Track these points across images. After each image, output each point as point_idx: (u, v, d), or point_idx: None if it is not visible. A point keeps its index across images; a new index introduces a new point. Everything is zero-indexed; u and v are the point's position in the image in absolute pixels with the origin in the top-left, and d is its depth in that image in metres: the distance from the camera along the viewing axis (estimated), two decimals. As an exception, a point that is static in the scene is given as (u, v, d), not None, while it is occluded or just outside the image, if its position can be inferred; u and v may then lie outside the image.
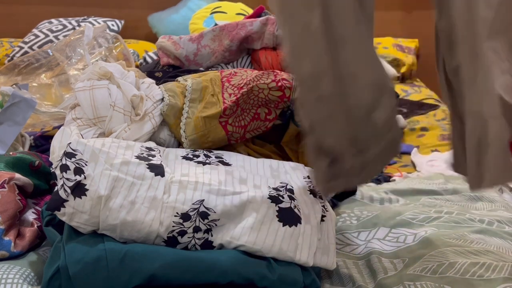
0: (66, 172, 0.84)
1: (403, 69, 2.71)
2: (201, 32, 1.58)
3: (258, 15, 1.66)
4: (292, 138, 1.17)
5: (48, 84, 1.64)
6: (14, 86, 1.43)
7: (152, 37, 2.88)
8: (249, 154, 1.14)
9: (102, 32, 1.71)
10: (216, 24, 1.68)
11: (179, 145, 1.14)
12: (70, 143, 0.88)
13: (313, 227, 0.89)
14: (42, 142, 1.42)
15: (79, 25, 2.73)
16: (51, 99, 1.61)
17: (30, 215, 1.01)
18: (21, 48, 2.61)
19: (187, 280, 0.84)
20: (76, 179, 0.83)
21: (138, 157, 0.91)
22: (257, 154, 1.15)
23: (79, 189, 0.83)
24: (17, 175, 0.99)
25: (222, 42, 1.54)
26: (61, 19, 2.83)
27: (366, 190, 1.28)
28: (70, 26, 2.73)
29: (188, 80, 1.18)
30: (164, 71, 1.54)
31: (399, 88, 2.39)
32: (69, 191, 0.83)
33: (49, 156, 1.18)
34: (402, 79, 2.70)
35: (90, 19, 2.81)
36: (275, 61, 1.51)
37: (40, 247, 0.98)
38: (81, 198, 0.83)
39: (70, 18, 2.83)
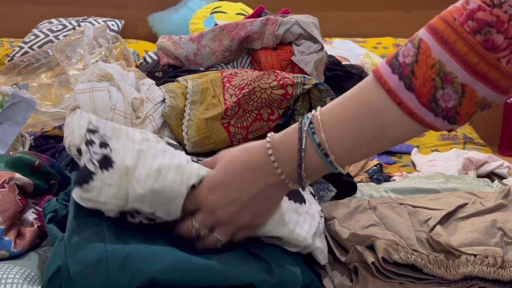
0: (92, 146, 0.83)
1: (403, 69, 2.70)
2: (201, 32, 1.58)
3: (258, 15, 1.66)
4: (292, 138, 1.17)
5: (48, 84, 1.64)
6: (14, 86, 1.43)
7: (152, 37, 2.89)
8: (249, 154, 1.14)
9: (102, 32, 1.71)
10: (216, 24, 1.68)
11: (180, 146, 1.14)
12: (91, 120, 0.87)
13: (315, 212, 0.90)
14: (42, 142, 1.42)
15: (79, 25, 2.73)
16: (51, 99, 1.61)
17: (30, 215, 1.01)
18: (21, 48, 2.61)
19: (187, 283, 0.84)
20: (102, 152, 0.82)
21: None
22: (257, 154, 1.15)
23: (106, 162, 0.82)
24: (17, 175, 0.99)
25: (222, 42, 1.53)
26: (61, 19, 2.83)
27: (366, 189, 1.28)
28: (70, 26, 2.73)
29: (188, 82, 1.18)
30: (164, 71, 1.54)
31: (399, 88, 2.38)
32: (97, 164, 0.82)
33: (49, 156, 1.18)
34: (402, 79, 2.70)
35: (90, 19, 2.82)
36: (275, 61, 1.51)
37: (40, 247, 0.98)
38: (108, 170, 0.82)
39: (70, 18, 2.84)
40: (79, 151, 0.85)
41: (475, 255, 0.81)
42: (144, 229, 0.93)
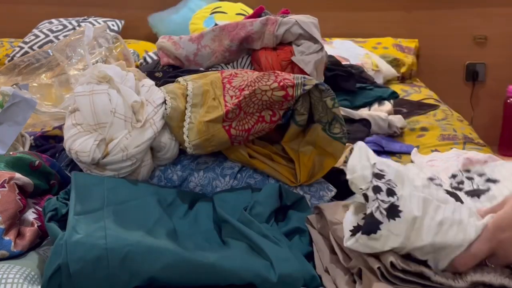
0: (379, 194, 0.81)
1: (403, 69, 2.71)
2: (201, 32, 1.58)
3: (258, 15, 1.66)
4: (293, 138, 1.17)
5: (48, 84, 1.64)
6: (14, 86, 1.44)
7: (152, 37, 2.89)
8: (249, 155, 1.14)
9: (102, 32, 1.71)
10: (216, 24, 1.68)
11: (180, 148, 1.14)
12: (375, 163, 0.85)
13: None
14: (42, 142, 1.43)
15: (79, 25, 2.73)
16: (51, 99, 1.61)
17: (30, 215, 1.01)
18: (21, 48, 2.61)
19: (186, 282, 0.84)
20: (390, 201, 0.81)
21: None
22: (257, 154, 1.15)
23: (393, 211, 0.80)
24: (17, 175, 1.00)
25: (222, 42, 1.53)
26: (61, 19, 2.83)
27: (366, 190, 1.28)
28: (70, 26, 2.73)
29: (188, 83, 1.18)
30: (164, 71, 1.54)
31: (399, 88, 2.39)
32: (384, 213, 0.80)
33: (49, 156, 1.18)
34: (402, 79, 2.70)
35: (90, 19, 2.82)
36: (275, 61, 1.51)
37: (40, 246, 0.99)
38: (395, 220, 0.80)
39: (70, 18, 2.84)
40: (365, 196, 0.82)
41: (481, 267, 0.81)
42: (144, 222, 0.93)
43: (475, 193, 0.90)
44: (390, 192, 0.81)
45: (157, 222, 0.94)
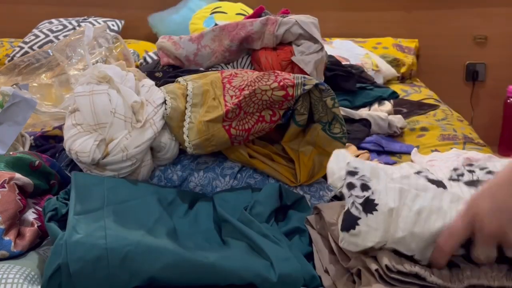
0: (353, 190, 0.82)
1: (403, 69, 2.71)
2: (201, 32, 1.58)
3: (258, 15, 1.66)
4: (293, 138, 1.17)
5: (48, 84, 1.64)
6: (14, 86, 1.44)
7: (152, 37, 2.89)
8: (249, 155, 1.14)
9: (102, 32, 1.71)
10: (216, 24, 1.68)
11: (180, 148, 1.14)
12: (349, 162, 0.87)
13: None
14: (42, 142, 1.43)
15: (79, 25, 2.73)
16: (51, 99, 1.61)
17: (30, 215, 1.01)
18: (21, 48, 2.61)
19: (186, 282, 0.84)
20: (364, 195, 0.81)
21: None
22: (257, 154, 1.15)
23: (369, 205, 0.81)
24: (17, 175, 1.00)
25: (222, 42, 1.54)
26: (61, 19, 2.83)
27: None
28: (70, 26, 2.73)
29: (188, 83, 1.18)
30: (164, 71, 1.54)
31: (399, 88, 2.39)
32: (360, 208, 0.81)
33: (49, 156, 1.18)
34: (402, 79, 2.70)
35: (90, 19, 2.82)
36: (275, 61, 1.51)
37: (40, 246, 0.99)
38: (372, 213, 0.80)
39: (70, 18, 2.84)
40: (341, 194, 0.84)
41: (479, 266, 0.81)
42: (145, 222, 0.93)
43: (474, 184, 0.89)
44: (364, 187, 0.82)
45: (157, 221, 0.94)
